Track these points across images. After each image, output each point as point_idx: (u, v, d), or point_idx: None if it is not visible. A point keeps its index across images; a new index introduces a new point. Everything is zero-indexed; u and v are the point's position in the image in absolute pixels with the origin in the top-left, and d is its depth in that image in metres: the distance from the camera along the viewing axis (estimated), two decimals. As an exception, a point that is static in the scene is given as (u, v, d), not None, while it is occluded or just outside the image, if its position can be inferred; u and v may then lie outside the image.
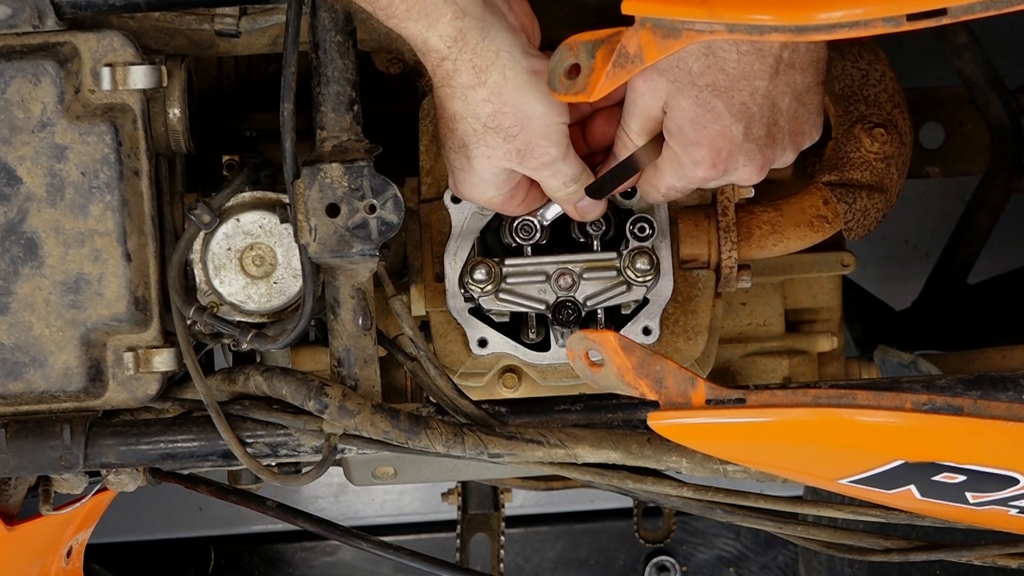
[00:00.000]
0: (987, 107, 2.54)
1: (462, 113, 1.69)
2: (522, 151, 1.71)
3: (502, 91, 1.67)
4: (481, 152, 1.72)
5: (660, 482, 1.89)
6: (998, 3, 1.47)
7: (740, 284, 1.96)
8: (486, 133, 1.70)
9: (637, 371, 1.68)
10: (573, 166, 1.75)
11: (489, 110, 1.68)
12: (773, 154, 1.71)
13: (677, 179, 1.72)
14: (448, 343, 1.95)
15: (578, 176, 1.76)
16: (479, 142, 1.71)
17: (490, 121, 1.69)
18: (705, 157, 1.68)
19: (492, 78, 1.66)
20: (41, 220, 1.78)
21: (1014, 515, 1.77)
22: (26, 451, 1.81)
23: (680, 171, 1.71)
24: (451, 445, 1.79)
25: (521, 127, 1.69)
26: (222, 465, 1.88)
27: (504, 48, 1.66)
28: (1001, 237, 2.71)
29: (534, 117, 1.69)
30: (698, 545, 3.44)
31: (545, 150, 1.71)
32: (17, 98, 1.76)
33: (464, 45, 1.65)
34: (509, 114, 1.68)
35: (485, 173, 1.74)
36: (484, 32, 1.65)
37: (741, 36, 1.54)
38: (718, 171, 1.69)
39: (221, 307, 1.85)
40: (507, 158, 1.72)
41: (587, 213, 1.82)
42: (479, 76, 1.66)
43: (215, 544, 3.46)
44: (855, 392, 1.66)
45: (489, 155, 1.72)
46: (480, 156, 1.72)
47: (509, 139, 1.70)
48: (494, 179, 1.75)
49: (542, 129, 1.70)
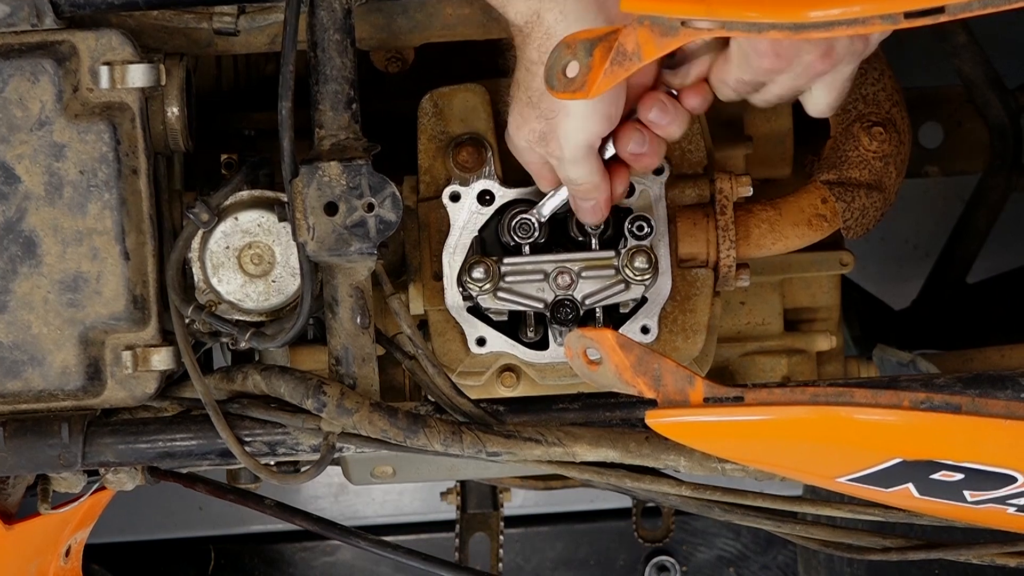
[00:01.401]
0: (986, 106, 2.54)
1: (523, 81, 1.72)
2: (544, 135, 1.73)
3: None
4: (517, 119, 1.75)
5: (658, 481, 1.89)
6: (996, 1, 1.47)
7: (739, 283, 1.96)
8: (528, 106, 1.72)
9: (635, 369, 1.68)
10: (586, 172, 1.75)
11: (541, 87, 1.69)
12: (834, 39, 1.63)
13: (744, 71, 1.67)
14: (446, 342, 1.95)
15: (590, 181, 1.76)
16: (519, 111, 1.74)
17: (535, 97, 1.71)
18: (767, 47, 1.62)
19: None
20: (39, 219, 1.78)
21: (1012, 513, 1.77)
22: (24, 450, 1.81)
23: (746, 63, 1.65)
24: (449, 444, 1.79)
25: (556, 114, 1.71)
26: (221, 464, 1.88)
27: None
28: (1000, 236, 2.71)
29: (571, 114, 1.70)
30: (698, 545, 3.44)
31: (560, 147, 1.73)
32: (15, 96, 1.76)
33: (537, 25, 1.67)
34: (552, 100, 1.69)
35: (520, 133, 1.76)
36: (562, 14, 1.66)
37: (739, 33, 1.54)
38: (783, 61, 1.64)
39: (219, 306, 1.85)
40: (531, 134, 1.74)
41: (585, 215, 1.82)
42: (544, 57, 1.67)
43: (215, 544, 3.46)
44: (853, 390, 1.66)
45: (522, 125, 1.74)
46: (517, 121, 1.75)
47: (540, 119, 1.72)
48: (526, 141, 1.77)
49: (570, 129, 1.71)
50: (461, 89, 1.95)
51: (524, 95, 1.73)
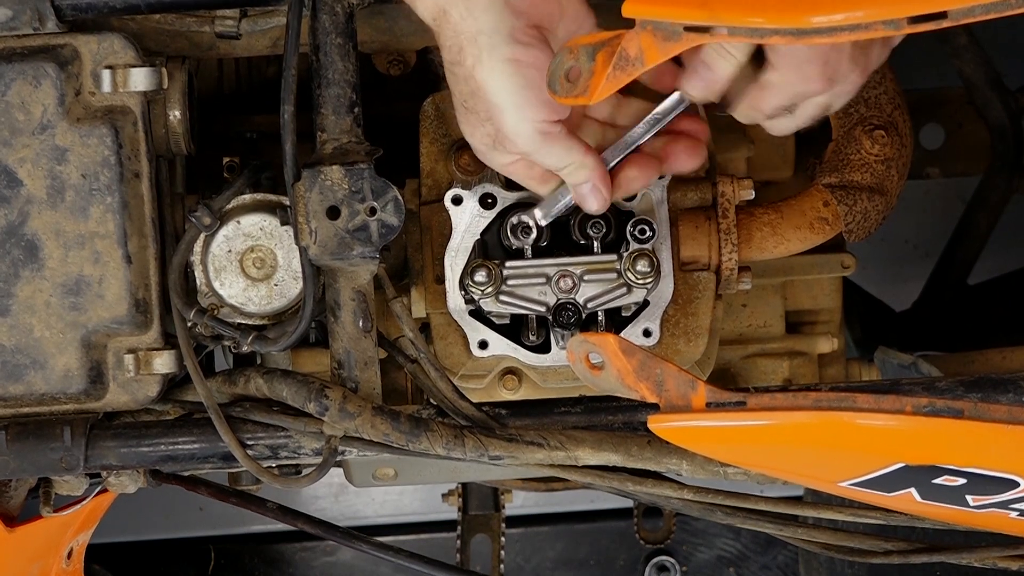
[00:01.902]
0: (987, 108, 2.54)
1: (451, 85, 1.67)
2: (495, 137, 1.68)
3: (475, 74, 1.62)
4: (464, 127, 1.70)
5: (660, 484, 1.89)
6: (998, 6, 1.47)
7: (740, 286, 1.96)
8: (465, 111, 1.67)
9: (637, 374, 1.68)
10: (560, 156, 1.68)
11: (465, 90, 1.65)
12: (871, 54, 1.62)
13: (785, 97, 1.62)
14: (448, 345, 1.95)
15: (570, 162, 1.69)
16: (461, 118, 1.69)
17: (467, 101, 1.66)
18: (817, 71, 1.59)
19: (467, 59, 1.62)
20: (42, 222, 1.78)
21: (1014, 518, 1.77)
22: (27, 453, 1.81)
23: (790, 89, 1.61)
24: (451, 447, 1.79)
25: (491, 113, 1.65)
26: (222, 467, 1.88)
27: (485, 29, 1.60)
28: (1001, 238, 2.71)
29: (504, 108, 1.63)
30: (698, 545, 3.44)
31: (513, 143, 1.67)
32: (18, 100, 1.76)
33: (446, 21, 1.62)
34: (480, 98, 1.64)
35: (473, 142, 1.71)
36: (467, 9, 1.60)
37: (741, 39, 1.54)
38: (830, 83, 1.60)
39: (221, 309, 1.85)
40: (486, 140, 1.69)
41: (586, 202, 1.74)
42: (458, 54, 1.62)
43: (215, 544, 3.46)
44: (855, 395, 1.66)
45: (471, 132, 1.69)
46: (464, 129, 1.70)
47: (482, 122, 1.67)
48: (485, 148, 1.71)
49: (511, 123, 1.64)
50: (463, 92, 1.95)
51: (457, 101, 1.67)
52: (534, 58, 1.62)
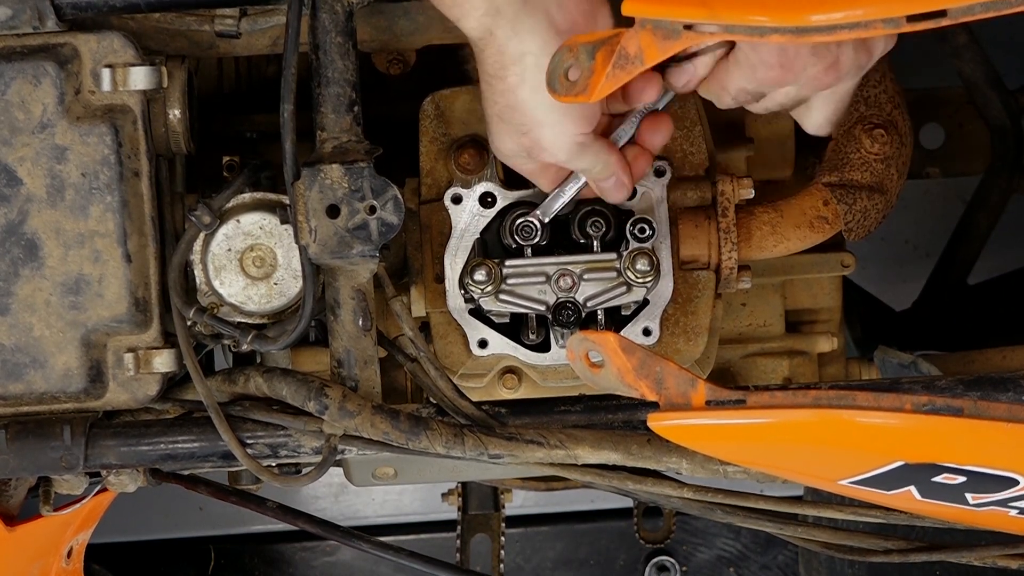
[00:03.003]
0: (987, 107, 2.54)
1: (486, 94, 1.71)
2: (530, 148, 1.73)
3: (517, 91, 1.67)
4: (495, 133, 1.74)
5: (660, 483, 1.89)
6: (998, 4, 1.47)
7: (740, 285, 1.96)
8: (500, 121, 1.72)
9: (637, 372, 1.68)
10: (590, 160, 1.74)
11: (503, 103, 1.69)
12: (840, 52, 1.64)
13: (747, 80, 1.65)
14: (448, 344, 1.95)
15: (598, 165, 1.75)
16: (494, 126, 1.73)
17: (503, 113, 1.70)
18: (772, 57, 1.62)
19: (510, 77, 1.67)
20: (41, 221, 1.78)
21: (1014, 516, 1.77)
22: (27, 452, 1.81)
23: (751, 72, 1.64)
24: (451, 446, 1.79)
25: (530, 128, 1.70)
26: (222, 466, 1.88)
27: (531, 51, 1.65)
28: (1001, 238, 2.71)
29: (545, 124, 1.69)
30: (698, 545, 3.44)
31: (552, 154, 1.72)
32: (17, 99, 1.76)
33: (491, 40, 1.66)
34: (520, 113, 1.69)
35: (503, 148, 1.76)
36: (514, 31, 1.64)
37: (740, 37, 1.54)
38: (788, 73, 1.63)
39: (221, 308, 1.85)
40: (518, 149, 1.74)
41: (610, 194, 1.80)
42: (501, 71, 1.67)
43: (215, 544, 3.46)
44: (855, 393, 1.66)
45: (502, 140, 1.74)
46: (495, 135, 1.74)
47: (518, 134, 1.71)
48: (513, 154, 1.76)
49: (550, 137, 1.70)
50: (463, 91, 1.95)
51: (492, 110, 1.72)
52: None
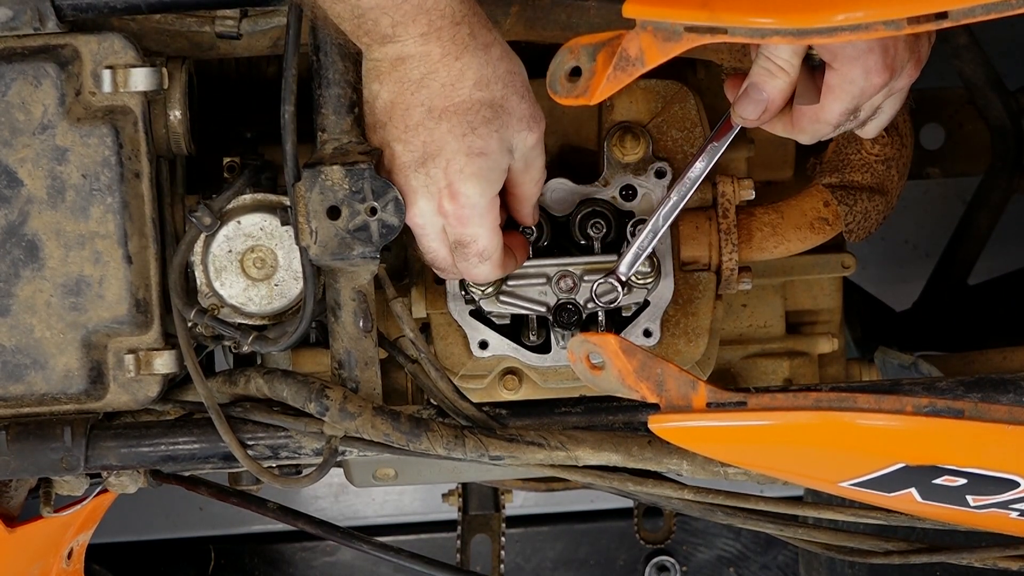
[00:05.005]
0: (987, 108, 2.54)
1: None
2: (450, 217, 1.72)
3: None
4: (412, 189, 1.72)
5: (661, 484, 1.89)
6: (998, 6, 1.48)
7: (741, 286, 1.96)
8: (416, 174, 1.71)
9: (638, 374, 1.68)
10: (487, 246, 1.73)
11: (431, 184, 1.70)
12: (920, 43, 1.62)
13: (849, 99, 1.62)
14: (449, 345, 1.95)
15: (491, 251, 1.74)
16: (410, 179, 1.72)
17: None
18: (878, 61, 1.59)
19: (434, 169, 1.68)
20: (42, 222, 1.78)
21: (1015, 518, 1.77)
22: (27, 453, 1.81)
23: (851, 88, 1.61)
24: (452, 447, 1.79)
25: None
26: (223, 467, 1.88)
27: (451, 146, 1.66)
28: (1001, 238, 2.71)
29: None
30: (698, 545, 3.44)
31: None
32: (18, 100, 1.76)
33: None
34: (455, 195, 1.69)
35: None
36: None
37: (742, 39, 1.54)
38: (891, 72, 1.60)
39: (222, 309, 1.85)
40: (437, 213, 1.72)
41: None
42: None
43: (215, 544, 3.46)
44: (856, 395, 1.66)
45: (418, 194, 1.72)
46: (410, 192, 1.72)
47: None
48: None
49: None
50: (463, 92, 1.95)
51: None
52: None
